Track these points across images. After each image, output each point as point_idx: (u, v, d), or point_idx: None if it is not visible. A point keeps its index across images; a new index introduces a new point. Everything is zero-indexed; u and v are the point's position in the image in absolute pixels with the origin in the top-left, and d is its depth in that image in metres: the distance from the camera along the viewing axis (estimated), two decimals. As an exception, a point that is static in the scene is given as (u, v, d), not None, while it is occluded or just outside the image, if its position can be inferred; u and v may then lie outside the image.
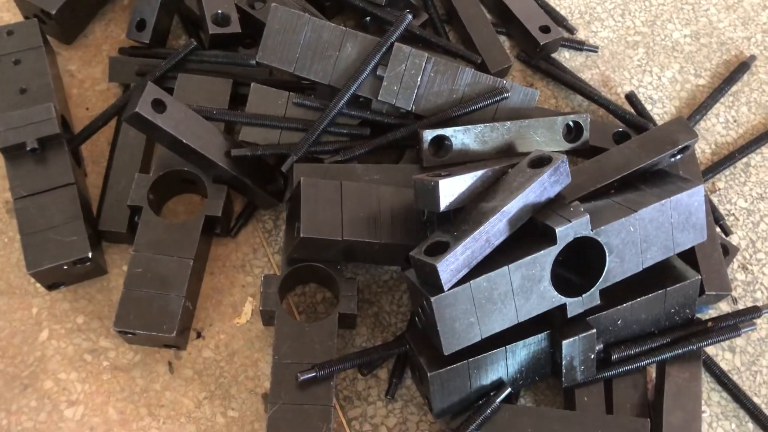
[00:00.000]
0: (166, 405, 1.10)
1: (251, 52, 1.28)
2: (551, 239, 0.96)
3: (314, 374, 1.03)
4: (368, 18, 1.34)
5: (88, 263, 1.11)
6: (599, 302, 1.03)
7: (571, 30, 1.47)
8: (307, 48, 1.16)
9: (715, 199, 1.32)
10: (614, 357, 1.07)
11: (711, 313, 1.22)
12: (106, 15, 1.40)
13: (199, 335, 1.15)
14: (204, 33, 1.31)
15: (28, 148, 1.12)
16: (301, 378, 1.02)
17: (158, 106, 1.08)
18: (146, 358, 1.13)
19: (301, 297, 1.19)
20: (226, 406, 1.10)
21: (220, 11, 1.26)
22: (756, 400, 1.16)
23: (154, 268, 1.09)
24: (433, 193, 0.98)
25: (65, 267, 1.09)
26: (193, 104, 1.16)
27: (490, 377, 1.04)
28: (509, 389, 1.04)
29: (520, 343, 1.03)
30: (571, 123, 1.19)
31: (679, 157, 1.14)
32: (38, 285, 1.16)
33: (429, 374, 1.00)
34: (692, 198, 1.05)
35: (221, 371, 1.13)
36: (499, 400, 1.03)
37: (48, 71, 1.21)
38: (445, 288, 0.93)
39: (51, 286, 1.15)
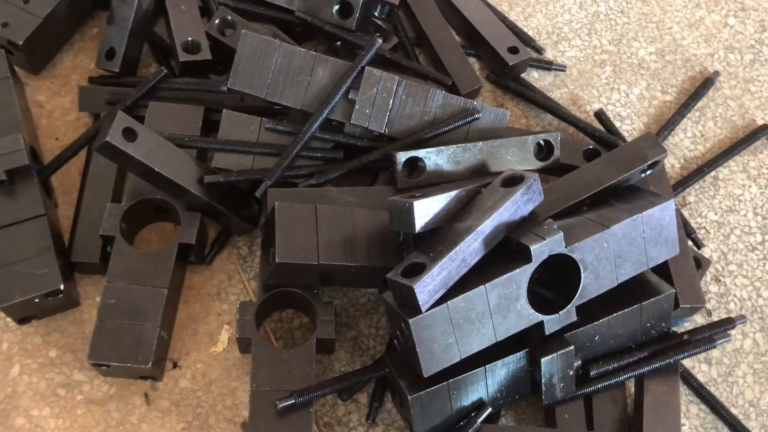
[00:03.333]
0: (142, 438, 1.08)
1: (222, 78, 1.28)
2: (526, 257, 0.97)
3: (293, 401, 1.02)
4: (339, 43, 1.35)
5: (60, 296, 1.09)
6: (576, 319, 1.03)
7: (539, 50, 1.49)
8: (279, 73, 1.16)
9: (686, 213, 1.34)
10: (593, 373, 1.08)
11: (686, 326, 1.23)
12: (75, 44, 1.40)
13: (175, 365, 1.13)
14: (174, 60, 1.30)
15: (-4, 180, 1.10)
16: (280, 406, 1.01)
17: (129, 134, 1.07)
18: (122, 390, 1.11)
19: (278, 323, 1.18)
20: (205, 437, 1.09)
21: (190, 39, 1.26)
22: (734, 410, 1.17)
23: (128, 298, 1.08)
24: (408, 214, 0.98)
25: (36, 300, 1.07)
26: (164, 132, 1.15)
27: (470, 398, 1.03)
28: (490, 409, 1.04)
29: (499, 362, 1.03)
30: (541, 141, 1.21)
31: (649, 172, 1.16)
32: (8, 319, 1.13)
33: (409, 397, 0.99)
34: (663, 212, 1.07)
35: (199, 401, 1.11)
36: (480, 420, 1.03)
37: (16, 102, 1.20)
38: (423, 309, 0.93)
39: (22, 320, 1.13)
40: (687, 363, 1.20)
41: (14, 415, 1.08)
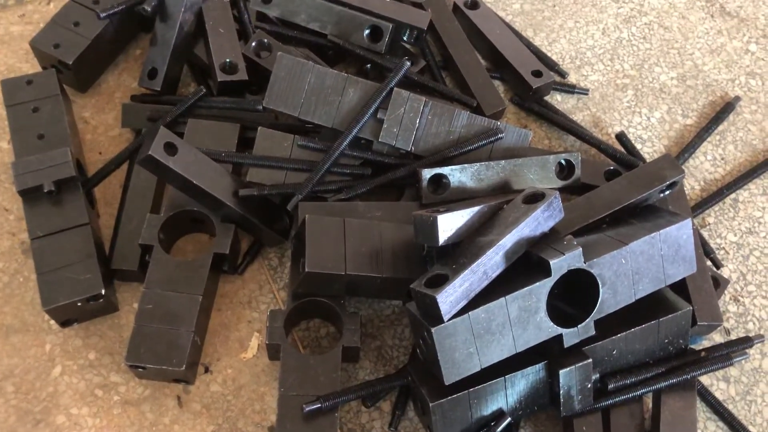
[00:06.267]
0: (174, 438, 1.13)
1: (258, 97, 1.34)
2: (546, 271, 1.00)
3: (319, 405, 1.06)
4: (369, 65, 1.41)
5: (101, 300, 1.15)
6: (594, 333, 1.06)
7: (562, 74, 1.54)
8: (311, 93, 1.22)
9: (705, 234, 1.36)
10: (611, 386, 1.10)
11: (705, 343, 1.25)
12: (119, 65, 1.47)
13: (207, 370, 1.19)
14: (212, 80, 1.37)
15: (45, 190, 1.17)
16: (307, 409, 1.05)
17: (170, 149, 1.13)
18: (155, 392, 1.16)
19: (306, 332, 1.23)
20: (233, 439, 1.13)
21: (228, 60, 1.33)
22: (752, 429, 1.19)
23: (164, 304, 1.13)
24: (432, 228, 1.02)
25: (79, 304, 1.14)
26: (202, 147, 1.21)
27: (490, 407, 1.06)
28: (509, 419, 1.06)
29: (519, 373, 1.06)
30: (563, 161, 1.25)
31: (667, 192, 1.19)
32: (52, 322, 1.20)
33: (431, 404, 1.03)
34: (681, 231, 1.10)
35: (228, 405, 1.16)
36: (499, 429, 1.05)
37: (64, 118, 1.27)
38: (445, 319, 0.97)
39: (64, 323, 1.19)
40: (705, 381, 1.22)
41: (55, 412, 1.13)
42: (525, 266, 1.03)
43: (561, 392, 1.06)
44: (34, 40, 1.35)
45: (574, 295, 1.07)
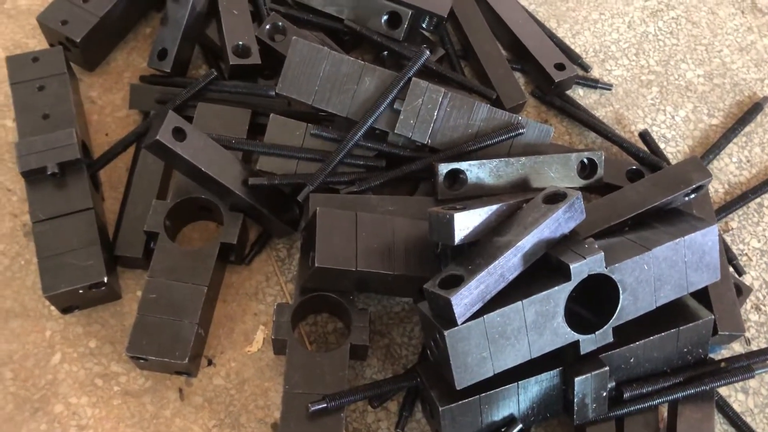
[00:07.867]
0: (175, 432, 1.10)
1: (270, 83, 1.30)
2: (565, 275, 0.96)
3: (325, 405, 1.03)
4: (386, 52, 1.36)
5: (103, 288, 1.12)
6: (612, 340, 1.02)
7: (585, 68, 1.49)
8: (326, 81, 1.18)
9: (728, 239, 1.32)
10: (626, 395, 1.07)
11: (724, 353, 1.21)
12: (129, 44, 1.43)
13: (210, 363, 1.15)
14: (224, 63, 1.33)
15: (48, 173, 1.13)
16: (312, 409, 1.02)
17: (178, 134, 1.09)
18: (157, 384, 1.13)
19: (313, 327, 1.19)
20: (235, 435, 1.10)
21: (241, 43, 1.29)
22: (769, 443, 1.15)
23: (168, 294, 1.10)
24: (448, 226, 0.99)
25: (80, 291, 1.10)
26: (212, 133, 1.17)
27: (501, 413, 1.03)
28: (520, 425, 1.03)
29: (533, 379, 1.03)
30: (585, 160, 1.20)
31: (693, 196, 1.15)
32: (52, 308, 1.17)
33: (440, 408, 0.99)
34: (706, 237, 1.06)
35: (231, 399, 1.13)
36: (510, 436, 1.02)
37: (70, 97, 1.23)
38: (459, 322, 0.93)
39: (65, 310, 1.16)
40: (723, 392, 1.18)
41: (54, 401, 1.10)
42: (543, 269, 1.00)
43: (575, 400, 1.03)
44: (42, 16, 1.30)
45: (592, 300, 1.04)
